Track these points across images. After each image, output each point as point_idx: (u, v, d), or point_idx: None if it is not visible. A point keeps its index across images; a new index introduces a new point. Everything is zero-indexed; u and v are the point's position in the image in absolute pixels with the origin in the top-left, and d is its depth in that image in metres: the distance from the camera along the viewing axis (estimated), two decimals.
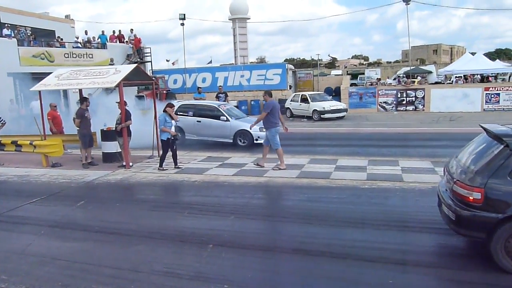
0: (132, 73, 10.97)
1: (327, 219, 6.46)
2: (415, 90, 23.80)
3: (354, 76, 44.88)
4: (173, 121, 10.21)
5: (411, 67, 35.60)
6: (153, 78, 21.20)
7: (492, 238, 4.44)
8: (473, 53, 33.14)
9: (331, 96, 25.20)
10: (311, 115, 22.04)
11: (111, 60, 23.69)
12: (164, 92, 24.30)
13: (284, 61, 49.71)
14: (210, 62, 37.27)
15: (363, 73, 43.43)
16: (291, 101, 23.84)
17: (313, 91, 27.19)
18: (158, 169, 10.19)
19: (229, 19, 35.34)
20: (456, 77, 30.36)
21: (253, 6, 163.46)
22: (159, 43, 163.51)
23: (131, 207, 7.74)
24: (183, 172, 9.99)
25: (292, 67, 33.06)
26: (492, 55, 57.99)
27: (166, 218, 6.92)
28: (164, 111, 10.17)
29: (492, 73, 29.16)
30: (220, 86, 21.85)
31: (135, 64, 12.53)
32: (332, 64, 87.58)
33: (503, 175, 4.42)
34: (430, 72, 36.43)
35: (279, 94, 25.97)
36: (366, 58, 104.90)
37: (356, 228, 6.04)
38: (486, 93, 22.30)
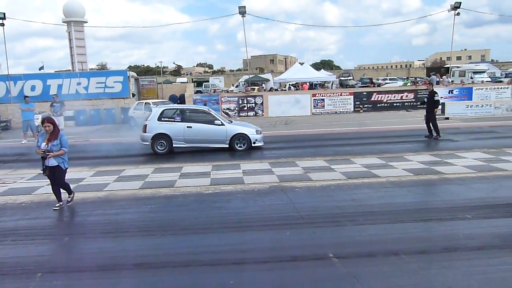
0: None
1: (170, 228, 6.41)
2: (255, 97, 25.42)
3: (199, 83, 45.95)
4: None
5: (251, 76, 38.03)
6: None
7: None
8: (301, 63, 37.26)
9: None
10: None
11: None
12: None
13: (128, 68, 47.88)
14: (42, 68, 33.58)
15: (208, 81, 44.82)
16: (134, 109, 22.98)
17: (157, 99, 26.77)
18: None
19: (63, 22, 32.31)
20: (290, 84, 33.63)
21: (90, 9, 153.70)
22: None
23: None
24: (6, 194, 8.73)
25: (135, 74, 32.02)
26: (318, 65, 65.94)
27: None
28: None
29: (318, 81, 33.16)
30: (55, 94, 19.84)
31: None
32: (177, 71, 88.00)
33: None
34: (268, 80, 39.69)
35: (122, 103, 24.85)
36: (210, 66, 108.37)
37: (199, 234, 6.14)
38: (314, 99, 25.09)
